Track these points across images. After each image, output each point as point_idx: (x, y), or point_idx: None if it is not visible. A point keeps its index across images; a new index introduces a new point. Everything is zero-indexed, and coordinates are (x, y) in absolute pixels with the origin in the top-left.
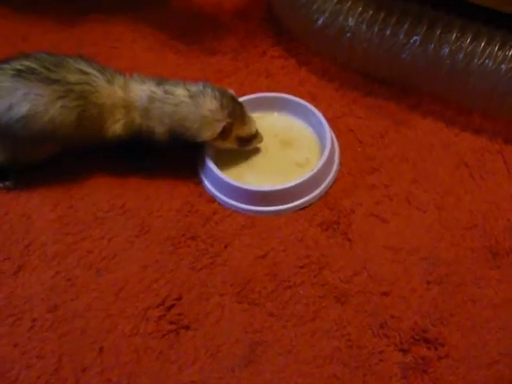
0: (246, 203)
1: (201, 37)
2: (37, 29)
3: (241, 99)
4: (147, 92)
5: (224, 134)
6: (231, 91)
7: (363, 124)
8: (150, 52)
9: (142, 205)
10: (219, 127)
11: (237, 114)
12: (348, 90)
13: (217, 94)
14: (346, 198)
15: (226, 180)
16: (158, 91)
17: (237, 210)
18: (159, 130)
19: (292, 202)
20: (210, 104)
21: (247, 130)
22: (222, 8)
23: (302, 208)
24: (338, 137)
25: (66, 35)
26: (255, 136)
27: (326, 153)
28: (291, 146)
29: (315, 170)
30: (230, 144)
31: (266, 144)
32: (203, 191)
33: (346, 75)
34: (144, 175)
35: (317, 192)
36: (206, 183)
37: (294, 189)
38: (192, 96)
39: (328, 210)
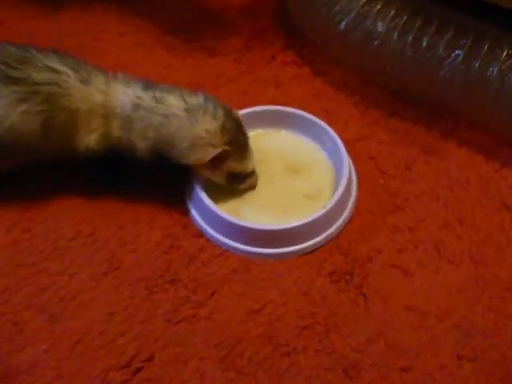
0: (241, 242)
1: (199, 34)
2: (15, 13)
3: (242, 111)
4: (132, 97)
5: (215, 163)
6: (238, 113)
7: (386, 151)
8: (138, 48)
9: (113, 234)
10: (212, 153)
11: (238, 143)
12: (370, 107)
13: (219, 112)
14: (363, 241)
15: (218, 213)
16: (146, 98)
17: (229, 250)
18: (141, 145)
19: (297, 244)
20: (208, 123)
21: (243, 167)
22: (227, 2)
23: (309, 252)
24: (355, 164)
25: (45, 22)
26: (249, 175)
27: (343, 184)
28: (299, 173)
29: (328, 206)
30: (217, 177)
31: (269, 169)
32: (189, 223)
33: (368, 90)
34: (119, 198)
35: (328, 233)
36: (194, 214)
37: (300, 228)
38: (188, 110)
39: (340, 257)
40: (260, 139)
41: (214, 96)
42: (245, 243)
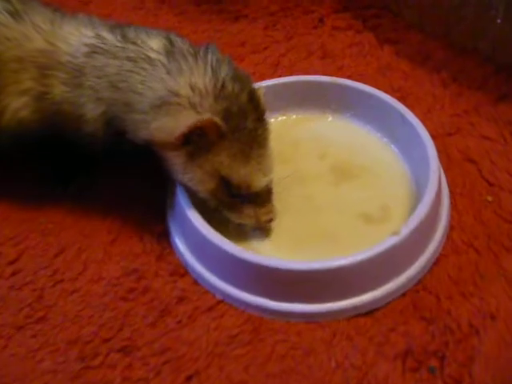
0: (248, 290)
1: None
2: None
3: (267, 83)
4: (89, 38)
5: (193, 143)
6: (260, 89)
7: (495, 149)
8: (139, 12)
9: (46, 264)
10: (187, 121)
11: (244, 131)
12: (467, 88)
13: (223, 70)
14: (462, 297)
15: (213, 239)
16: (111, 37)
17: (227, 301)
18: (91, 112)
19: (344, 297)
20: (197, 76)
21: (248, 176)
22: None
23: (365, 314)
24: (446, 171)
25: None
26: (260, 199)
27: (427, 201)
28: (354, 180)
29: (402, 233)
30: (201, 174)
31: (305, 172)
32: (168, 252)
33: (463, 63)
34: (67, 207)
35: (399, 280)
36: (176, 238)
37: (349, 270)
38: (172, 54)
39: (421, 324)
40: (292, 127)
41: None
42: (254, 291)
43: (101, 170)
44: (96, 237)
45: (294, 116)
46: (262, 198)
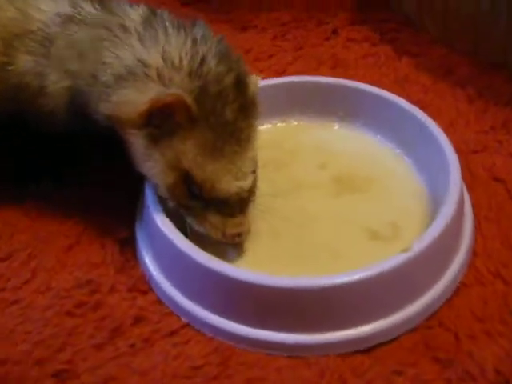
0: (217, 311)
1: (227, 5)
2: None
3: (266, 81)
4: (64, 8)
5: (158, 125)
6: (256, 77)
7: None
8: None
9: None
10: (151, 93)
11: (220, 118)
12: (495, 104)
13: (207, 44)
14: (487, 337)
15: (179, 245)
16: (88, 6)
17: (192, 324)
18: (55, 85)
19: (338, 327)
20: (173, 48)
21: (213, 173)
22: None
23: (364, 351)
24: (471, 191)
25: None
26: (230, 206)
27: (447, 214)
28: (360, 193)
29: (414, 249)
30: (161, 163)
31: (303, 182)
32: (132, 264)
33: (489, 80)
34: (27, 209)
35: (409, 311)
36: (141, 248)
37: (347, 291)
38: (149, 23)
39: (434, 367)
40: (292, 135)
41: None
42: (225, 314)
43: (69, 171)
44: (51, 242)
45: (295, 123)
46: (230, 207)
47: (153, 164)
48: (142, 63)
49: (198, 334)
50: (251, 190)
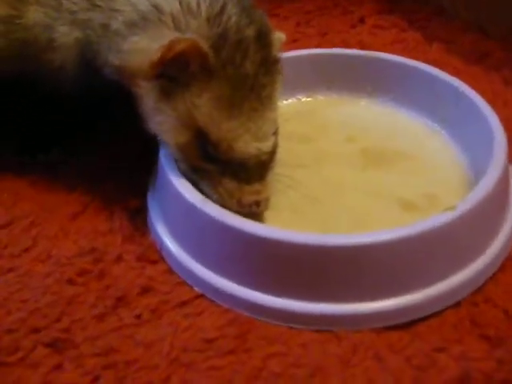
0: (234, 277)
1: None
2: None
3: (286, 54)
4: None
5: (169, 71)
6: (279, 34)
7: None
8: None
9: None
10: (166, 39)
11: (237, 67)
12: None
13: None
14: None
15: (195, 203)
16: None
17: (207, 294)
18: (64, 38)
19: (373, 297)
20: None
21: (231, 131)
22: None
23: (402, 325)
24: None
25: None
26: (248, 170)
27: (493, 175)
28: (389, 165)
29: (459, 211)
30: (173, 118)
31: (331, 153)
32: (141, 232)
33: None
34: (34, 179)
35: (452, 282)
36: (152, 215)
37: (384, 254)
38: None
39: (482, 345)
40: (318, 110)
41: None
42: (244, 281)
43: (79, 140)
44: (55, 211)
45: (322, 98)
46: (249, 171)
47: (164, 120)
48: (157, 9)
49: (213, 304)
50: (271, 155)
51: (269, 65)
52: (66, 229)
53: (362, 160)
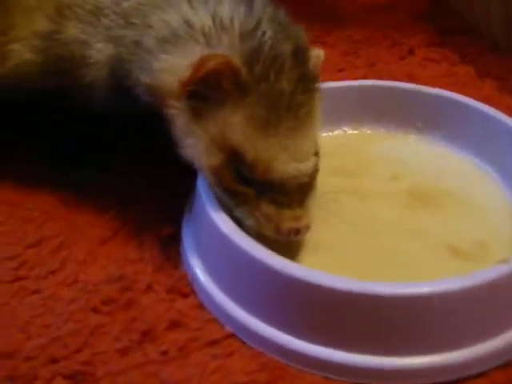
0: (271, 320)
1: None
2: None
3: (334, 84)
4: None
5: (201, 90)
6: (318, 51)
7: None
8: None
9: (14, 254)
10: (197, 59)
11: (273, 84)
12: None
13: (264, 10)
14: None
15: (233, 238)
16: None
17: (239, 334)
18: (98, 54)
19: (425, 351)
20: (225, 8)
21: (268, 151)
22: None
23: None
24: None
25: None
26: (288, 193)
27: None
28: (437, 207)
29: None
30: (205, 140)
31: (375, 193)
32: (173, 263)
33: None
34: (66, 197)
35: (503, 339)
36: (187, 246)
37: (439, 305)
38: None
39: None
40: (363, 144)
41: None
42: (282, 325)
43: (116, 159)
44: (86, 233)
45: (369, 131)
46: (288, 195)
47: (195, 142)
48: (188, 24)
49: (244, 346)
50: (311, 177)
51: (307, 82)
52: (95, 254)
53: (407, 199)
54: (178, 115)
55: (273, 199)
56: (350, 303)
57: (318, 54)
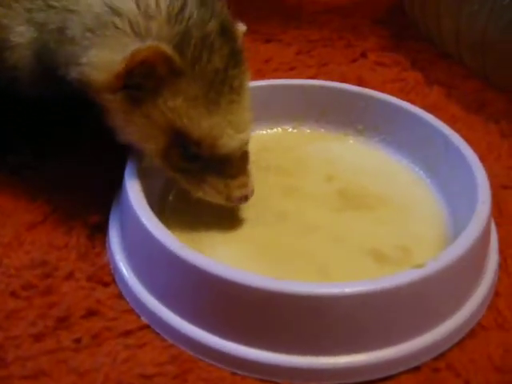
0: (183, 313)
1: (257, 21)
2: None
3: (273, 82)
4: None
5: (137, 85)
6: (241, 25)
7: None
8: None
9: None
10: (128, 53)
11: (206, 63)
12: None
13: None
14: None
15: (149, 228)
16: None
17: (153, 326)
18: (19, 37)
19: (319, 351)
20: None
21: (213, 128)
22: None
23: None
24: (499, 227)
25: None
26: (233, 164)
27: (470, 235)
28: (365, 211)
29: (429, 269)
30: (147, 126)
31: (307, 192)
32: (98, 251)
33: None
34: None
35: (413, 345)
36: (111, 234)
37: (341, 307)
38: None
39: None
40: (302, 144)
41: None
42: (194, 318)
43: (49, 145)
44: (13, 217)
45: (308, 131)
46: (233, 165)
47: (137, 129)
48: (113, 11)
49: (157, 338)
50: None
51: (236, 56)
52: (21, 238)
53: (338, 201)
54: (115, 107)
55: (219, 171)
56: (260, 300)
57: (241, 29)
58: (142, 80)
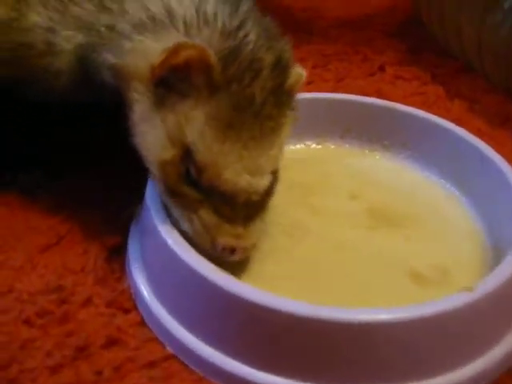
0: (214, 343)
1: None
2: None
3: (306, 95)
4: None
5: (170, 79)
6: (300, 70)
7: None
8: None
9: None
10: (172, 45)
11: (244, 87)
12: None
13: (247, 11)
14: None
15: (179, 253)
16: None
17: (179, 355)
18: (66, 42)
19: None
20: (210, 5)
21: (221, 157)
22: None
23: None
24: None
25: None
26: (234, 207)
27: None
28: (397, 229)
29: (478, 293)
30: (160, 130)
31: (333, 213)
32: (118, 276)
33: None
34: (8, 201)
35: (464, 373)
36: (131, 258)
37: (388, 334)
38: None
39: None
40: (327, 159)
41: None
42: (226, 349)
43: (65, 163)
44: (27, 239)
45: (333, 146)
46: (233, 207)
47: (150, 130)
48: (169, 12)
49: (185, 369)
50: (264, 197)
51: (280, 96)
52: (35, 261)
53: (367, 220)
54: (140, 99)
55: (216, 208)
56: (294, 328)
57: (299, 72)
58: (176, 80)
